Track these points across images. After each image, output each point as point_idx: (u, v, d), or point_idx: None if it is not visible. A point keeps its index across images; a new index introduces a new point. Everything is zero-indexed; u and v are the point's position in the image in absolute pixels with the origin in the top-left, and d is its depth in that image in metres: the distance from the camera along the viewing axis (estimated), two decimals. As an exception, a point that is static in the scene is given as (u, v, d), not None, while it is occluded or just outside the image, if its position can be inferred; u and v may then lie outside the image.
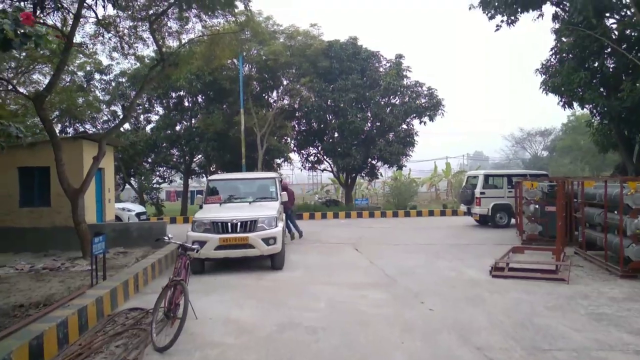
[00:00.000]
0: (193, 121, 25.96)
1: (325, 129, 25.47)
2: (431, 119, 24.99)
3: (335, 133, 25.40)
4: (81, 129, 24.00)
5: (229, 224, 9.24)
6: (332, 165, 26.89)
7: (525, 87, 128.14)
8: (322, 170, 28.93)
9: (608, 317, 5.98)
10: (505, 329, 5.60)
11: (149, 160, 26.83)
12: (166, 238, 6.05)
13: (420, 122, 25.11)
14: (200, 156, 27.31)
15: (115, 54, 14.17)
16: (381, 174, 28.74)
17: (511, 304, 6.67)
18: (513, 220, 16.86)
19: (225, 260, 9.45)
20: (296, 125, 26.42)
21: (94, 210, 13.94)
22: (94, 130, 24.55)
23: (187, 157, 26.96)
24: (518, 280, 8.17)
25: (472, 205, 17.14)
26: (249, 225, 9.26)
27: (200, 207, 10.56)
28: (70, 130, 23.79)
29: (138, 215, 18.55)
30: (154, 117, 26.84)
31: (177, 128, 26.12)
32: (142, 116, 27.08)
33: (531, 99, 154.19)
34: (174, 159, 27.25)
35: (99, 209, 14.57)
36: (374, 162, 26.11)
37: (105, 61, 23.25)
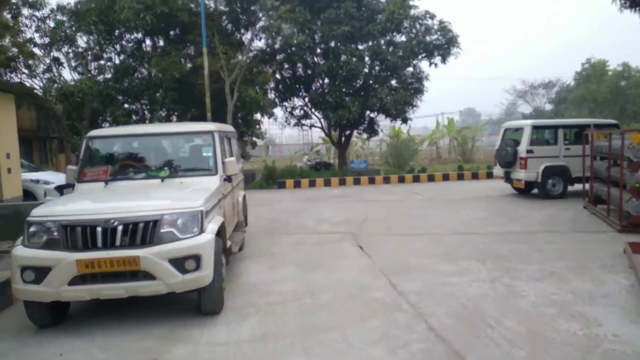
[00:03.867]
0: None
1: (313, 75, 20.30)
2: (443, 60, 19.90)
3: (325, 79, 20.25)
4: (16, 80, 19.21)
5: (99, 228, 4.33)
6: (321, 120, 21.83)
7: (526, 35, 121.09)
8: (310, 127, 23.66)
9: None
10: None
11: (107, 118, 22.02)
12: None
13: (430, 64, 19.99)
14: (163, 111, 22.41)
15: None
16: (382, 130, 23.65)
17: None
18: (570, 188, 12.31)
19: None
20: (277, 73, 21.22)
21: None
22: (30, 82, 19.74)
23: (146, 113, 22.03)
24: None
25: (514, 168, 12.41)
26: (143, 230, 4.38)
27: (62, 190, 5.70)
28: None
29: (60, 189, 13.66)
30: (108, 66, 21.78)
31: (136, 76, 21.24)
32: (92, 64, 21.95)
33: (535, 48, 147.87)
34: (133, 116, 22.31)
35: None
36: (372, 115, 21.08)
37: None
